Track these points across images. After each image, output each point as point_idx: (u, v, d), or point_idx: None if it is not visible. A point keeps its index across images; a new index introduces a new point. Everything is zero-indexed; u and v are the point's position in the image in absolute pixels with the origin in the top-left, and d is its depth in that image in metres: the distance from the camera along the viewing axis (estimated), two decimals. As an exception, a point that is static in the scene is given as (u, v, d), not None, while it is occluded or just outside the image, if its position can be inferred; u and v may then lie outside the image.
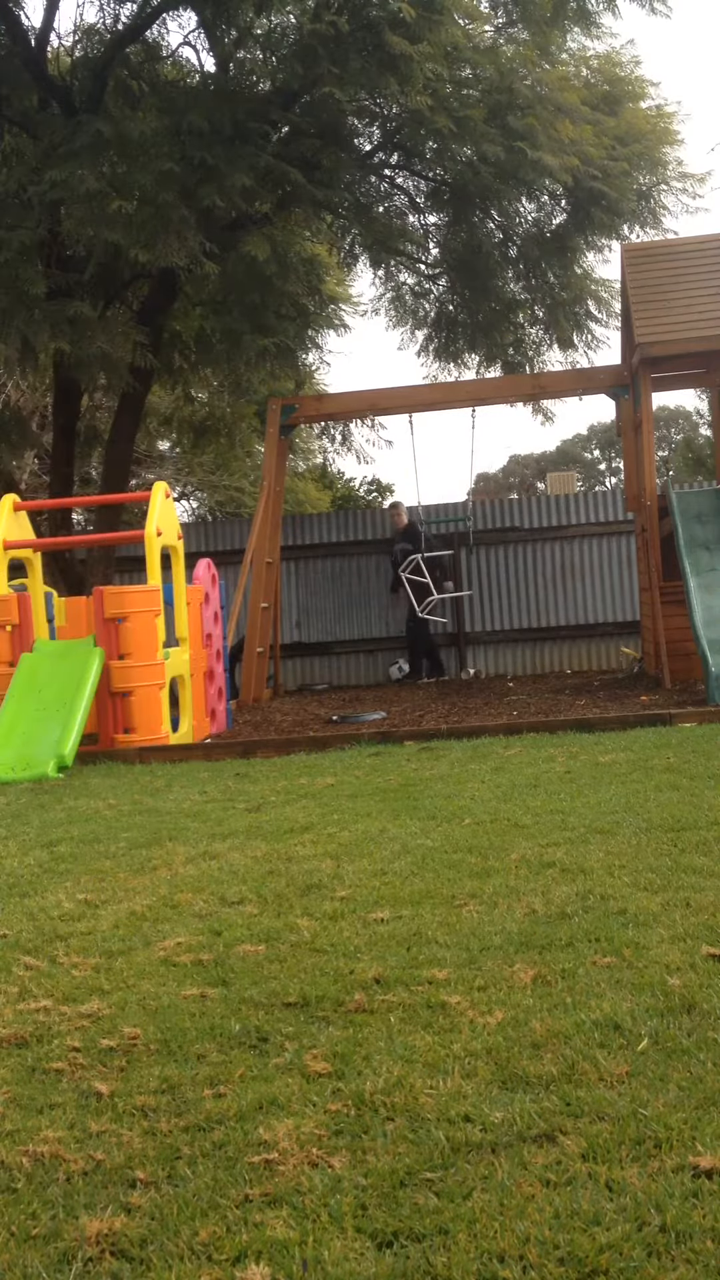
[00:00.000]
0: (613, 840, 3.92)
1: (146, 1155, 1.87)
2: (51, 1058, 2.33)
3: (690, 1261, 1.46)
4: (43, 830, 4.97)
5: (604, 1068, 2.05)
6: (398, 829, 4.40)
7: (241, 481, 19.95)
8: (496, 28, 11.37)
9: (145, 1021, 2.49)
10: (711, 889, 3.19)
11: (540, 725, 7.17)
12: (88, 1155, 1.89)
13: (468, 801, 4.88)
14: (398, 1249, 1.54)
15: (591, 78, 12.16)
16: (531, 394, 12.25)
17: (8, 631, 7.85)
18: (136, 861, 4.17)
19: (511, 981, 2.55)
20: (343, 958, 2.82)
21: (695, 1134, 1.78)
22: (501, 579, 12.95)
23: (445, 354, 14.36)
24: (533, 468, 47.79)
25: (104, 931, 3.25)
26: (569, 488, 16.12)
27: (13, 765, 6.88)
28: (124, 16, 11.50)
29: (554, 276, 12.96)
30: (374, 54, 9.75)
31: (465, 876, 3.57)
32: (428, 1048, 2.21)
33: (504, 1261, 1.48)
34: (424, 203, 12.93)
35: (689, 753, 5.70)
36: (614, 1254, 1.48)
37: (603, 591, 12.88)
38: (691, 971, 2.51)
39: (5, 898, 3.75)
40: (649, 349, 9.47)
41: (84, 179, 9.41)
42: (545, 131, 10.52)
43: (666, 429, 43.52)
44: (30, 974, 2.90)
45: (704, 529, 9.35)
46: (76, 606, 8.66)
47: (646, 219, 12.29)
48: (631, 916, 2.97)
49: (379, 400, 11.81)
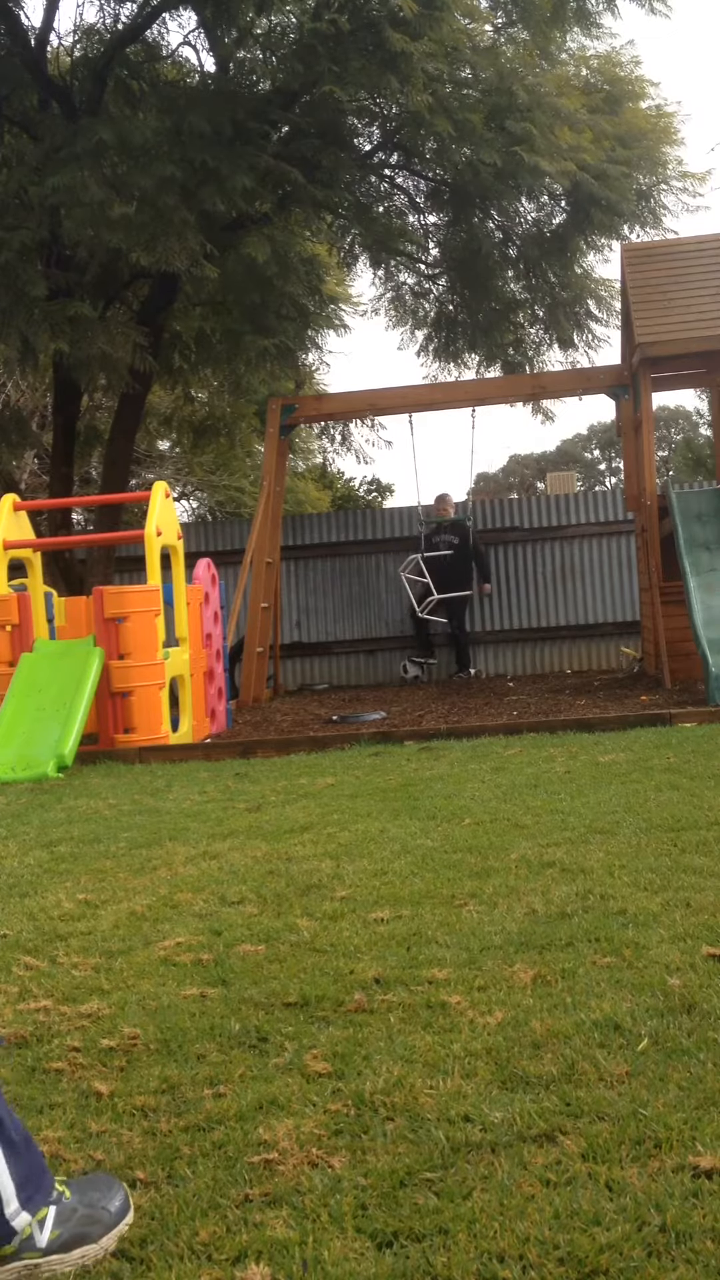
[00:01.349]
0: (613, 840, 3.92)
1: (146, 1155, 1.87)
2: (51, 1058, 2.33)
3: (690, 1261, 1.46)
4: (43, 830, 4.97)
5: (604, 1068, 2.05)
6: (398, 829, 4.40)
7: (241, 481, 19.95)
8: (496, 28, 11.37)
9: (145, 1021, 2.49)
10: (711, 889, 3.19)
11: (540, 725, 7.17)
12: (88, 1155, 1.89)
13: (468, 801, 4.88)
14: (398, 1249, 1.54)
15: (591, 78, 12.16)
16: (531, 394, 12.25)
17: (8, 631, 7.85)
18: (136, 861, 4.17)
19: (511, 981, 2.55)
20: (343, 958, 2.82)
21: (695, 1134, 1.78)
22: (501, 579, 12.95)
23: (445, 354, 14.37)
24: (533, 468, 47.78)
25: (104, 931, 3.25)
26: (569, 488, 16.12)
27: (13, 765, 6.88)
28: (124, 16, 11.50)
29: (554, 276, 12.96)
30: (374, 53, 9.74)
31: (465, 876, 3.57)
32: (428, 1048, 2.21)
33: (504, 1261, 1.48)
34: (424, 203, 12.93)
35: (689, 753, 5.70)
36: (614, 1254, 1.47)
37: (603, 591, 12.88)
38: (691, 971, 2.51)
39: (5, 898, 3.75)
40: (649, 349, 9.47)
41: (86, 184, 9.41)
42: (544, 136, 10.52)
43: (666, 429, 43.52)
44: (30, 974, 2.90)
45: (704, 529, 9.35)
46: (76, 606, 8.66)
47: (647, 219, 12.29)
48: (631, 916, 2.97)
49: (379, 400, 11.81)
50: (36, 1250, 1.59)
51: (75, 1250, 1.60)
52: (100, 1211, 1.64)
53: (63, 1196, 1.66)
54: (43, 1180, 1.66)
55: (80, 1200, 1.65)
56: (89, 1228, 1.62)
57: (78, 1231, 1.62)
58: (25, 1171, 1.62)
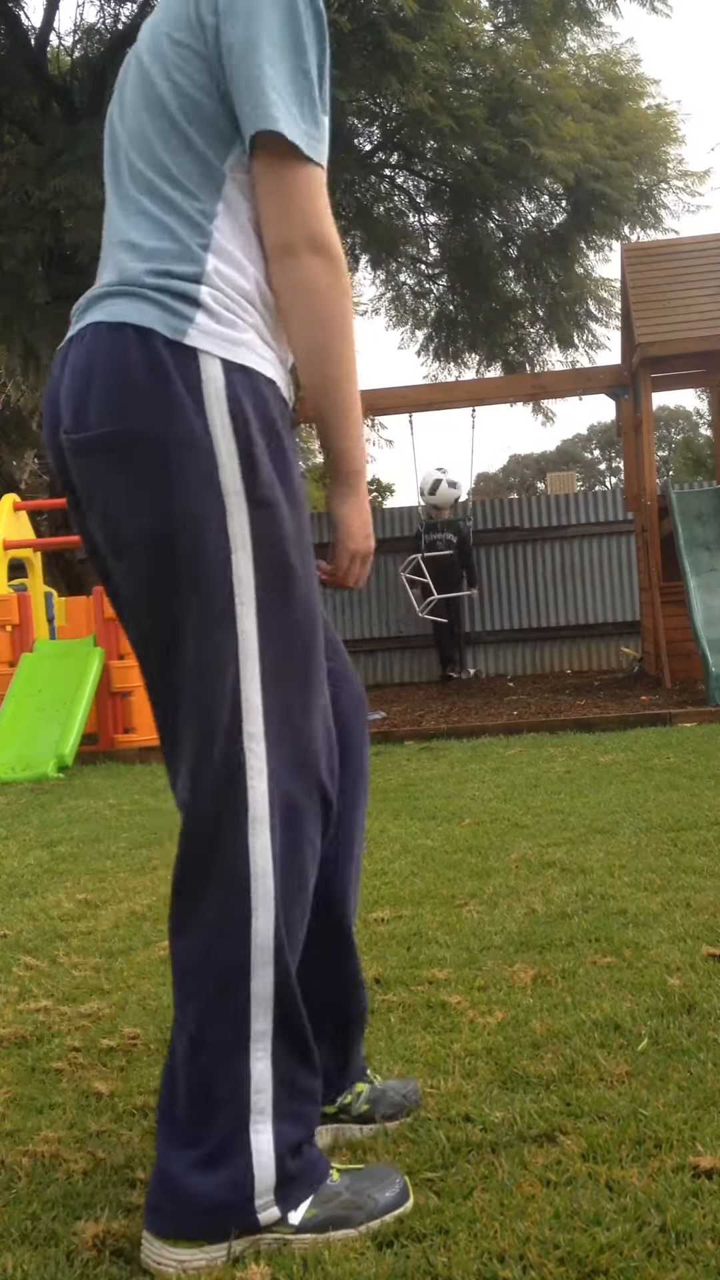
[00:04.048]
0: (613, 840, 3.92)
1: (146, 1155, 1.87)
2: (51, 1057, 2.33)
3: (690, 1261, 1.46)
4: (43, 830, 4.97)
5: (604, 1068, 2.05)
6: (398, 829, 4.40)
7: (241, 481, 19.94)
8: (497, 27, 11.38)
9: (145, 1021, 2.49)
10: (711, 889, 3.19)
11: (540, 725, 7.17)
12: (88, 1155, 1.89)
13: (468, 801, 4.88)
14: (398, 1249, 1.54)
15: (592, 77, 12.17)
16: (531, 394, 12.24)
17: (8, 631, 7.85)
18: (137, 861, 4.17)
19: (511, 981, 2.55)
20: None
21: (695, 1134, 1.78)
22: (501, 579, 12.95)
23: (445, 354, 14.37)
24: (533, 468, 47.81)
25: (104, 931, 3.25)
26: (569, 488, 16.12)
27: (13, 765, 6.89)
28: (124, 16, 11.51)
29: (554, 276, 12.96)
30: (375, 53, 9.75)
31: (465, 876, 3.57)
32: (428, 1048, 2.21)
33: (504, 1261, 1.48)
34: (424, 203, 12.94)
35: (689, 753, 5.70)
36: (614, 1254, 1.47)
37: (603, 591, 12.88)
38: (691, 971, 2.51)
39: (5, 898, 3.75)
40: (649, 349, 9.47)
41: (88, 186, 9.42)
42: (546, 129, 10.52)
43: (666, 429, 43.54)
44: (30, 974, 2.90)
45: (704, 529, 9.35)
46: (76, 606, 8.66)
47: (647, 218, 12.30)
48: (631, 916, 2.97)
49: (379, 400, 11.80)
50: (289, 1226, 1.56)
51: (331, 1233, 1.56)
52: (366, 1199, 1.59)
53: (330, 1179, 1.62)
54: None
55: (349, 1186, 1.61)
56: (350, 1212, 1.57)
57: (337, 1214, 1.57)
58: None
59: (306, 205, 1.53)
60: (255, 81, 1.50)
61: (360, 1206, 1.59)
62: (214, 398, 1.47)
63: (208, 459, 1.47)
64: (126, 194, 1.61)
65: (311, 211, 1.53)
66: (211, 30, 1.53)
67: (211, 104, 1.54)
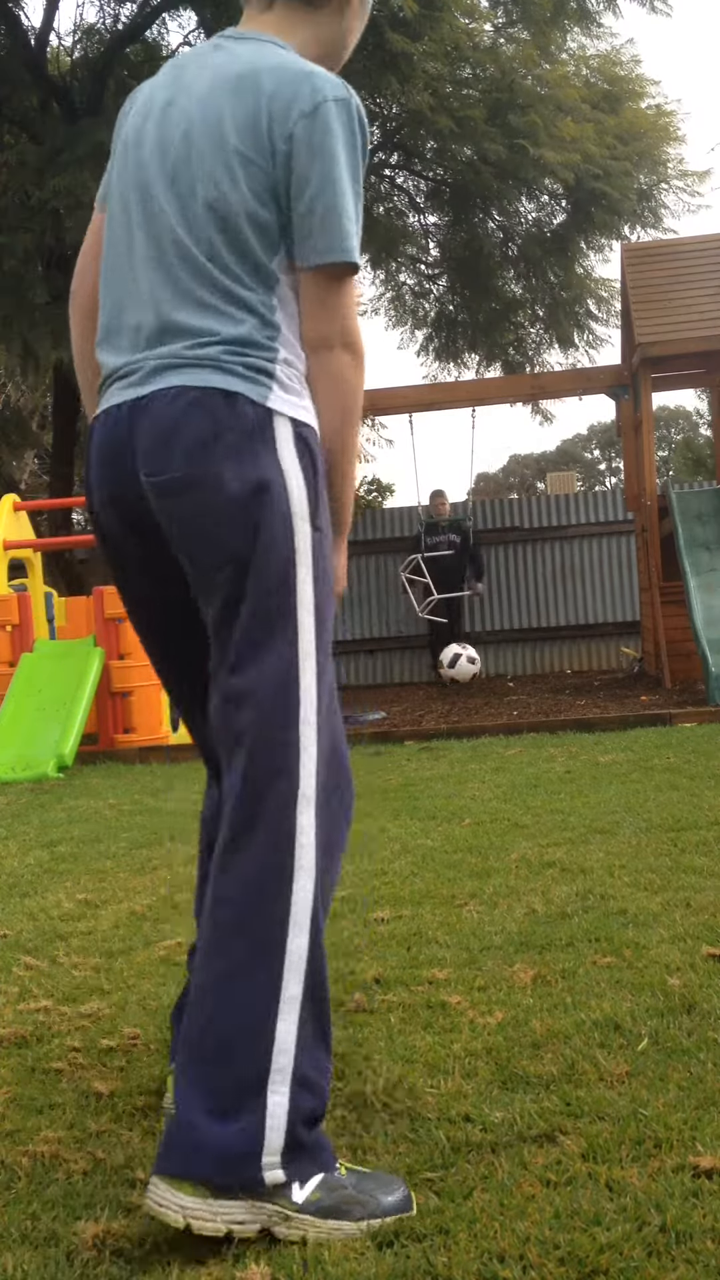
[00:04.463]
0: (613, 840, 3.92)
1: (146, 1155, 1.87)
2: (51, 1058, 2.33)
3: (690, 1261, 1.46)
4: (43, 830, 4.97)
5: (604, 1068, 2.05)
6: (398, 829, 4.40)
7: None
8: (496, 27, 11.38)
9: (145, 1021, 2.49)
10: (711, 889, 3.19)
11: (540, 725, 7.17)
12: (88, 1155, 1.89)
13: (468, 801, 4.88)
14: (398, 1249, 1.54)
15: (592, 77, 12.17)
16: (531, 394, 12.24)
17: (8, 631, 7.85)
18: (137, 861, 4.17)
19: (511, 981, 2.55)
20: (343, 957, 2.82)
21: (695, 1134, 1.78)
22: (501, 579, 12.95)
23: (445, 354, 14.37)
24: (533, 468, 47.80)
25: (104, 931, 3.25)
26: (569, 488, 16.12)
27: (13, 765, 6.89)
28: (124, 16, 11.51)
29: (554, 276, 12.96)
30: (375, 53, 9.75)
31: (465, 876, 3.57)
32: (428, 1048, 2.21)
33: (504, 1261, 1.48)
34: (424, 203, 12.94)
35: (689, 753, 5.71)
36: (614, 1254, 1.47)
37: (603, 591, 12.88)
38: (691, 971, 2.51)
39: (5, 898, 3.75)
40: (649, 349, 9.48)
41: (88, 186, 9.42)
42: (546, 129, 10.52)
43: (666, 429, 43.54)
44: (30, 974, 2.90)
45: (704, 529, 9.36)
46: (76, 606, 8.66)
47: (647, 218, 12.30)
48: (631, 916, 2.97)
49: (379, 400, 11.80)
50: (292, 1202, 1.59)
51: (330, 1221, 1.59)
52: (368, 1198, 1.62)
53: (338, 1172, 1.66)
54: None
55: (354, 1184, 1.64)
56: (353, 1206, 1.61)
57: (340, 1205, 1.60)
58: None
59: (345, 309, 1.79)
60: (334, 214, 1.74)
61: (363, 1204, 1.62)
62: (287, 446, 1.76)
63: (283, 493, 1.75)
64: (176, 276, 1.79)
65: (348, 313, 1.80)
66: (282, 156, 1.75)
67: (267, 215, 1.76)
